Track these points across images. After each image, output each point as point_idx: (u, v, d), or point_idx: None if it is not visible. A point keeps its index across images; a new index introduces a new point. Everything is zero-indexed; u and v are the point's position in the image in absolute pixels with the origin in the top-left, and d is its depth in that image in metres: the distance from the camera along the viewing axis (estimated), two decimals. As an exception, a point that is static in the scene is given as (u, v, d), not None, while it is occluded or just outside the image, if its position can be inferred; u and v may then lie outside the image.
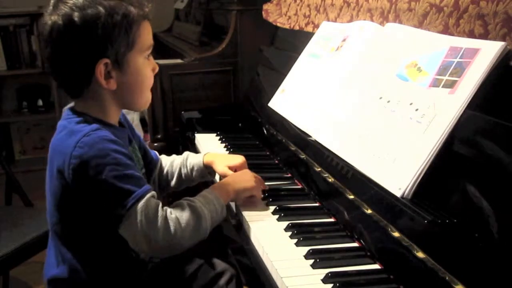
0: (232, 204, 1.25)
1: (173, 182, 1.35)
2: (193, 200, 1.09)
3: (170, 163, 1.36)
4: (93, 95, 1.05)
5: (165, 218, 1.00)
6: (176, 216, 1.02)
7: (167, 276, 1.23)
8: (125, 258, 1.09)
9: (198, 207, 1.06)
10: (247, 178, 1.23)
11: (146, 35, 1.07)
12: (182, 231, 1.01)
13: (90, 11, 0.98)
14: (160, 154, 2.04)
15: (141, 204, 0.98)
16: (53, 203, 1.06)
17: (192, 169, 1.34)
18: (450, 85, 0.98)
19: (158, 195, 1.07)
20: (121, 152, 1.01)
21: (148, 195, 1.00)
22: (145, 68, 1.09)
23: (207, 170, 1.34)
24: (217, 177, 1.36)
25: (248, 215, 1.17)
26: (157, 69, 1.13)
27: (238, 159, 1.35)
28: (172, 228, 1.00)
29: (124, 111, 1.18)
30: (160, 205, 1.02)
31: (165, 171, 1.36)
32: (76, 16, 0.98)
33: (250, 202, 1.23)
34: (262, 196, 1.25)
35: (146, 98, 1.12)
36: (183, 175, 1.34)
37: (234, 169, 1.31)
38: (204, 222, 1.06)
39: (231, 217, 1.23)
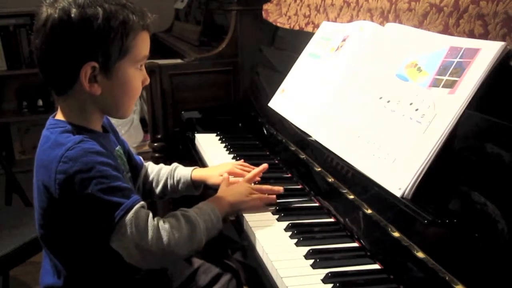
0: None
1: (157, 190, 1.33)
2: (188, 210, 1.08)
3: (157, 171, 1.34)
4: (76, 96, 1.02)
5: (157, 228, 0.98)
6: (169, 225, 1.00)
7: (167, 277, 1.23)
8: (119, 264, 1.06)
9: (192, 217, 1.05)
10: (242, 191, 1.21)
11: (142, 46, 1.04)
12: (175, 240, 1.00)
13: (89, 11, 0.96)
14: (160, 154, 2.05)
15: (130, 215, 0.96)
16: (42, 217, 1.04)
17: (178, 181, 1.32)
18: (450, 85, 0.98)
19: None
20: (107, 164, 0.98)
21: (137, 206, 0.98)
22: (134, 79, 1.05)
23: (194, 185, 1.33)
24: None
25: (248, 215, 1.17)
26: (147, 82, 1.09)
27: (228, 165, 1.35)
28: (165, 237, 0.98)
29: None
30: (151, 215, 1.00)
31: (150, 178, 1.34)
32: (73, 12, 0.95)
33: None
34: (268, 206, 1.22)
35: (128, 108, 1.09)
36: (168, 186, 1.33)
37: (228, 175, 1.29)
38: (198, 231, 1.04)
39: (231, 216, 1.23)
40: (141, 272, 1.13)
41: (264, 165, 1.32)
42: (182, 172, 1.33)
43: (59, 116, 1.06)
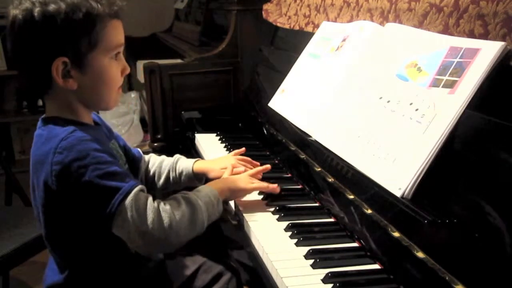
0: (232, 204, 1.25)
1: (160, 183, 1.33)
2: (188, 193, 1.08)
3: (159, 163, 1.34)
4: (58, 95, 1.03)
5: (157, 210, 0.98)
6: (170, 208, 1.00)
7: (167, 277, 1.23)
8: (121, 260, 1.07)
9: (193, 199, 1.05)
10: (242, 179, 1.22)
11: (113, 35, 1.02)
12: (177, 223, 0.99)
13: (51, 7, 0.96)
14: (160, 154, 2.05)
15: (129, 199, 0.96)
16: (43, 215, 1.03)
17: (180, 173, 1.32)
18: (450, 85, 0.98)
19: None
20: (102, 150, 0.98)
21: (135, 189, 0.98)
22: (110, 69, 1.04)
23: (196, 177, 1.33)
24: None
25: (248, 215, 1.17)
26: (127, 71, 1.08)
27: (230, 159, 1.35)
28: (166, 219, 0.98)
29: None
30: (151, 198, 1.00)
31: (152, 171, 1.34)
32: (36, 11, 0.95)
33: (250, 202, 1.23)
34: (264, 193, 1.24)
35: (111, 99, 1.07)
36: (171, 178, 1.33)
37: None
38: (200, 213, 1.04)
39: (231, 217, 1.23)
40: (148, 263, 1.13)
41: (267, 166, 1.33)
42: (184, 164, 1.33)
43: (48, 115, 1.06)
